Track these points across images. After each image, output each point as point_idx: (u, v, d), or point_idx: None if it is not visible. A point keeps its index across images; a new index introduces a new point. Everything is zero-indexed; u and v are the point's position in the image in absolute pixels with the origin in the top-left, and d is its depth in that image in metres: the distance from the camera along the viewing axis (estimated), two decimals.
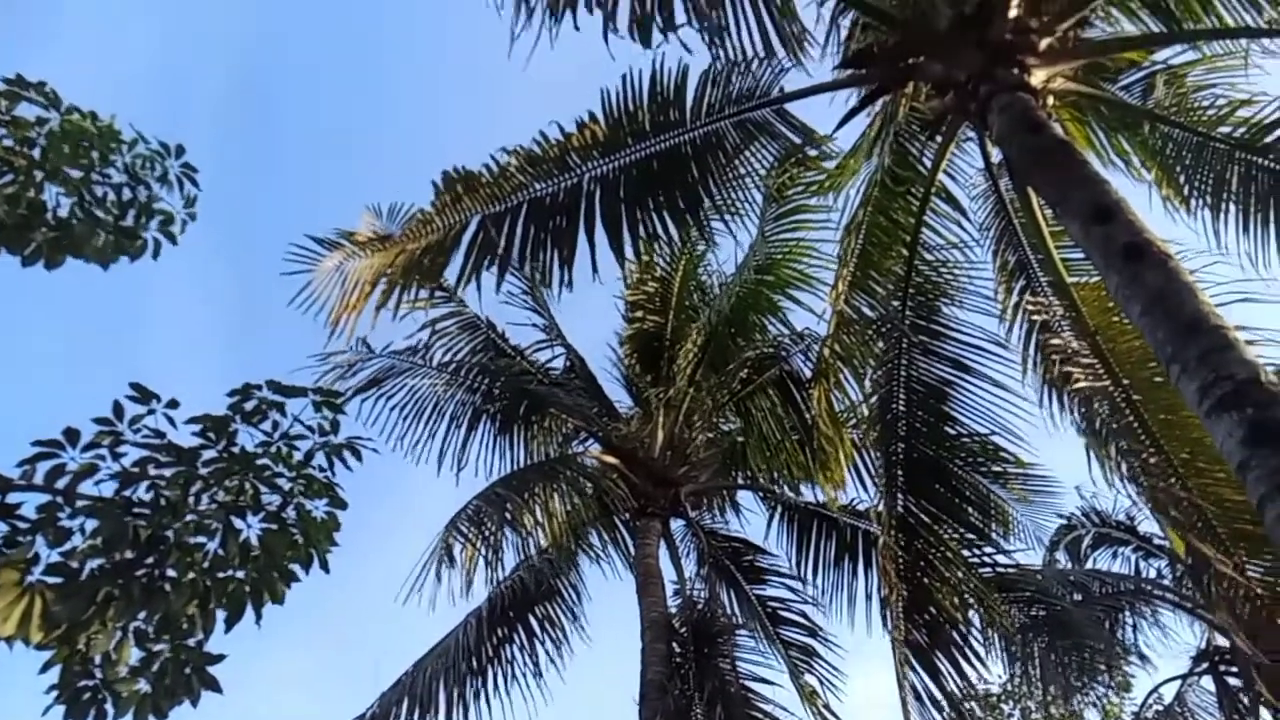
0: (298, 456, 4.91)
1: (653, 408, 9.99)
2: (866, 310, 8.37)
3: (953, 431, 8.32)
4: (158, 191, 5.52)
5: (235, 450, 4.49)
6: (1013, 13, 5.89)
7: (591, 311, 11.06)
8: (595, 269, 6.41)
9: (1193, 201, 7.48)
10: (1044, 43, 6.01)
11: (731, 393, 9.85)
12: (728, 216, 7.39)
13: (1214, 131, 7.03)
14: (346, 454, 4.79)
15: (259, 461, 4.66)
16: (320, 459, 4.81)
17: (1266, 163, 6.91)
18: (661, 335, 10.14)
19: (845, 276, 8.16)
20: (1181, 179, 7.47)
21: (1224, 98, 7.12)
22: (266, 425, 4.84)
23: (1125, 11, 6.51)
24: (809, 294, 9.39)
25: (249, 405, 4.73)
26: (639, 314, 10.19)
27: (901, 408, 8.28)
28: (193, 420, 4.30)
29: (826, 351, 8.37)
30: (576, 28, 5.68)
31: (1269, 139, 6.86)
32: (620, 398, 10.55)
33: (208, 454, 4.45)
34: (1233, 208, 7.23)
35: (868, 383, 8.38)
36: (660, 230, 7.03)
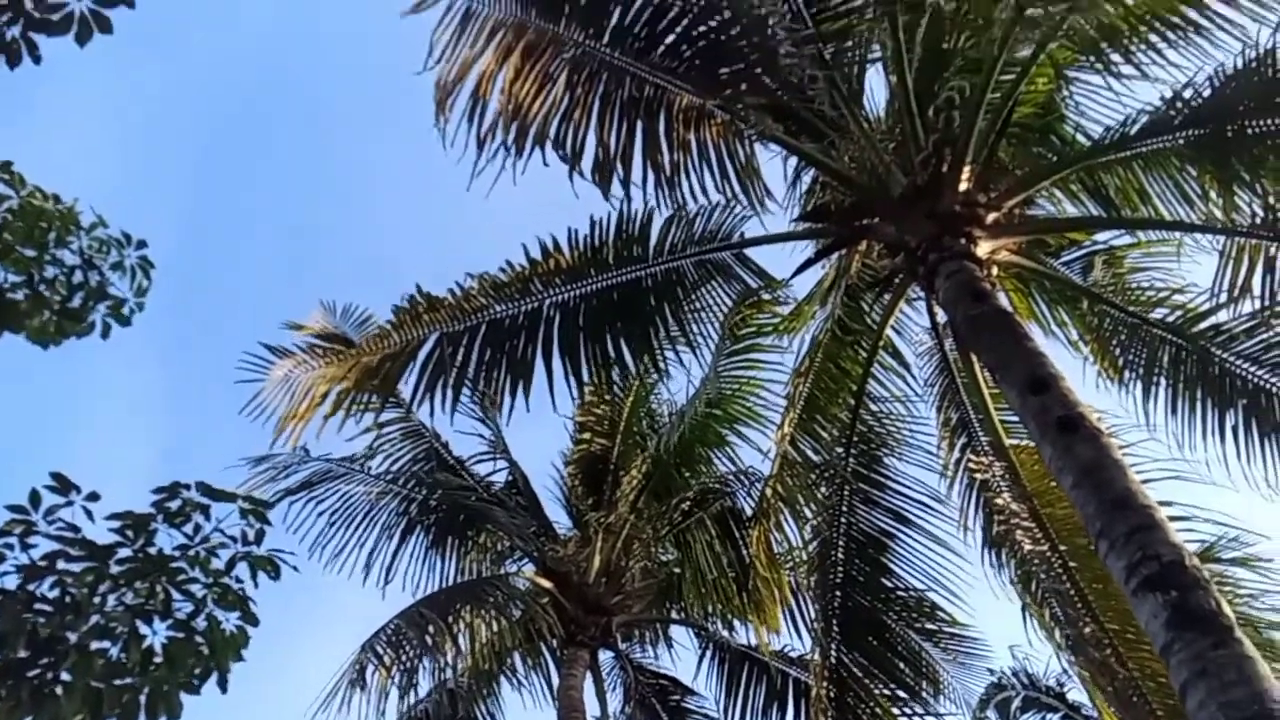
0: (217, 564, 4.75)
1: (592, 532, 9.86)
2: (811, 454, 8.44)
3: (890, 584, 8.29)
4: (110, 277, 5.50)
5: (152, 551, 4.34)
6: (962, 187, 6.21)
7: (539, 426, 11.08)
8: (552, 393, 6.44)
9: (1126, 376, 7.74)
10: (991, 217, 6.32)
11: (672, 524, 9.78)
12: (683, 348, 7.53)
13: (1148, 314, 7.37)
14: (267, 568, 4.65)
15: (174, 564, 4.50)
16: (241, 569, 4.65)
17: (1194, 350, 7.21)
18: (608, 459, 10.11)
19: (792, 419, 8.26)
20: (1117, 354, 7.74)
21: (1159, 282, 7.50)
22: (189, 527, 4.70)
23: (1068, 194, 6.90)
24: (756, 431, 9.48)
25: (173, 505, 4.60)
26: (587, 435, 10.18)
27: (840, 555, 8.26)
28: (113, 516, 4.17)
29: (769, 491, 8.38)
30: (545, 163, 5.92)
31: (1199, 328, 7.19)
32: (560, 518, 10.43)
33: (123, 552, 4.29)
34: (1163, 388, 7.49)
35: (808, 528, 8.38)
36: (616, 359, 7.11)
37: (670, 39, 6.17)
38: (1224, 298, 6.87)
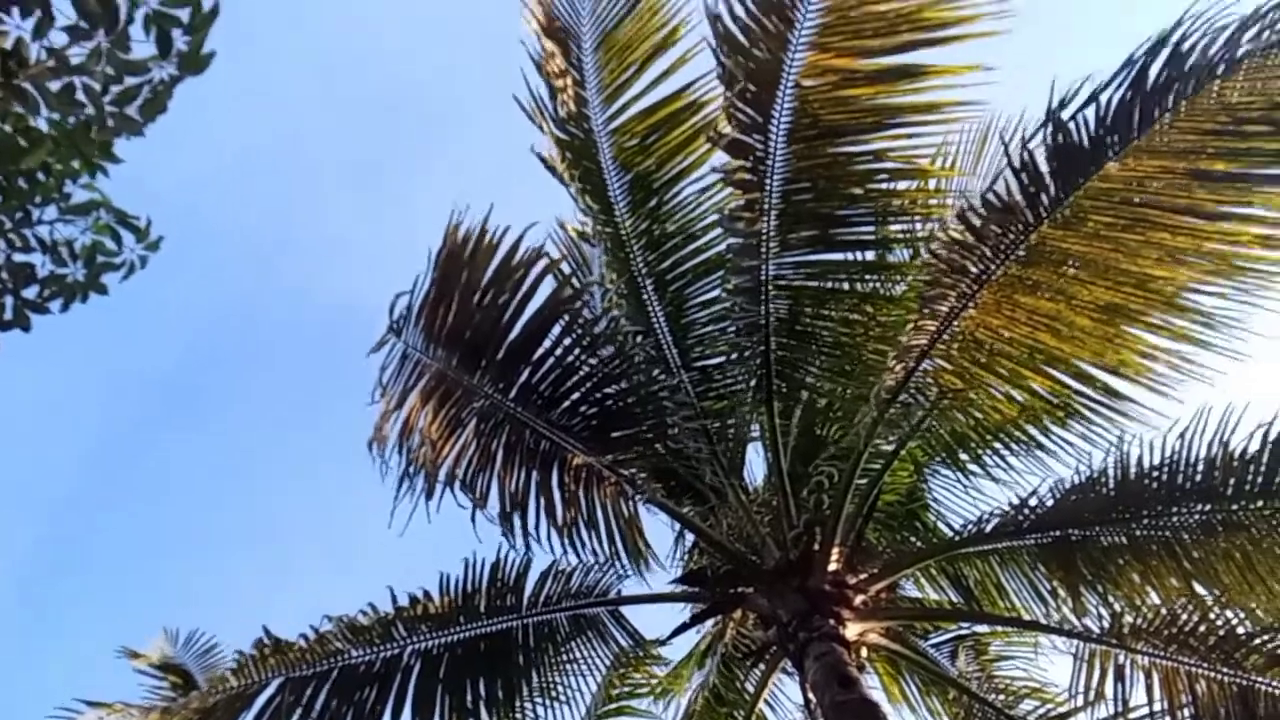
0: None
1: None
2: None
3: None
4: None
5: None
6: (832, 566, 6.41)
7: None
8: None
9: None
10: (859, 599, 6.47)
11: None
12: (552, 702, 7.16)
13: (1013, 708, 7.41)
14: None
15: None
16: None
17: None
18: None
19: None
20: None
21: (1022, 674, 7.64)
22: None
23: (932, 582, 7.19)
24: None
25: None
26: None
27: None
28: None
29: None
30: (461, 506, 6.04)
31: None
32: None
33: None
34: None
35: None
36: (473, 713, 6.69)
37: (570, 401, 6.54)
38: (1081, 700, 6.99)
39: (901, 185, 5.61)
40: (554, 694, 7.09)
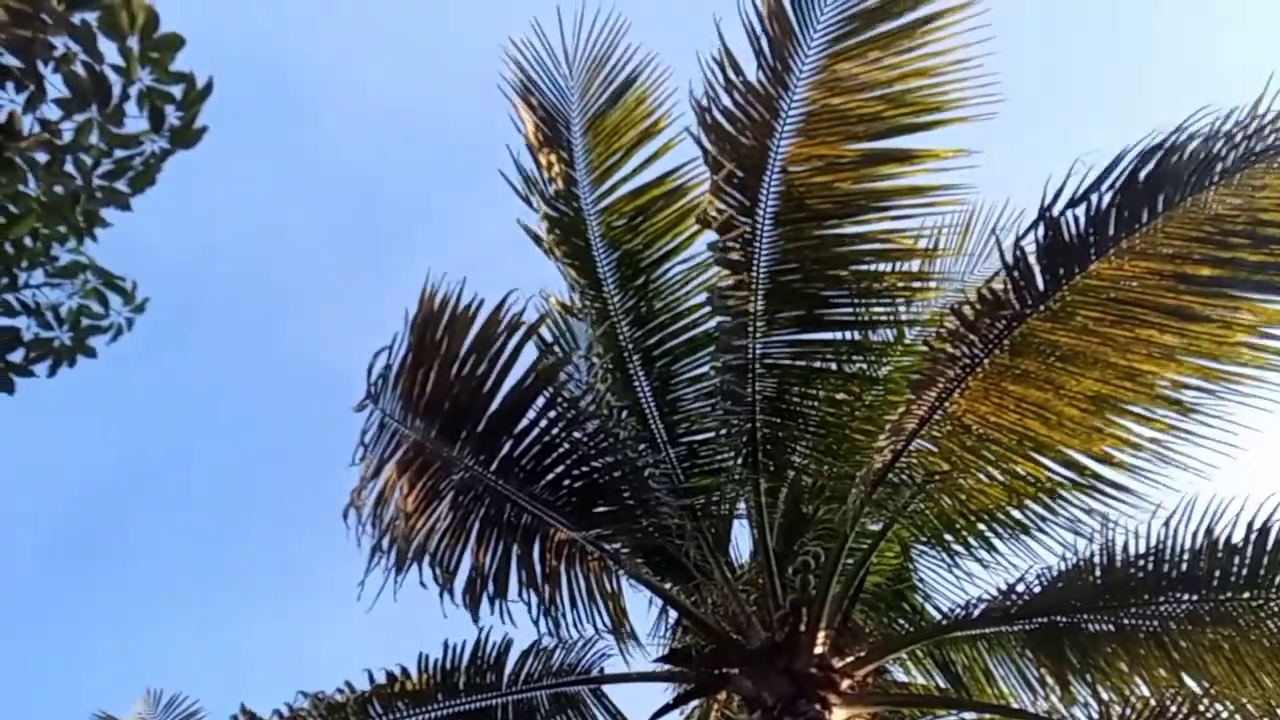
0: None
1: None
2: None
3: None
4: None
5: None
6: (818, 649, 6.28)
7: None
8: None
9: None
10: (845, 683, 6.34)
11: None
12: None
13: None
14: None
15: None
16: None
17: None
18: None
19: None
20: None
21: None
22: None
23: (920, 668, 7.06)
24: None
25: None
26: None
27: None
28: None
29: None
30: (422, 584, 5.93)
31: None
32: None
33: None
34: None
35: None
36: None
37: (553, 474, 6.48)
38: None
39: (886, 267, 5.65)
40: None
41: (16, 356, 4.98)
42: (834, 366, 5.93)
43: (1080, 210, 4.83)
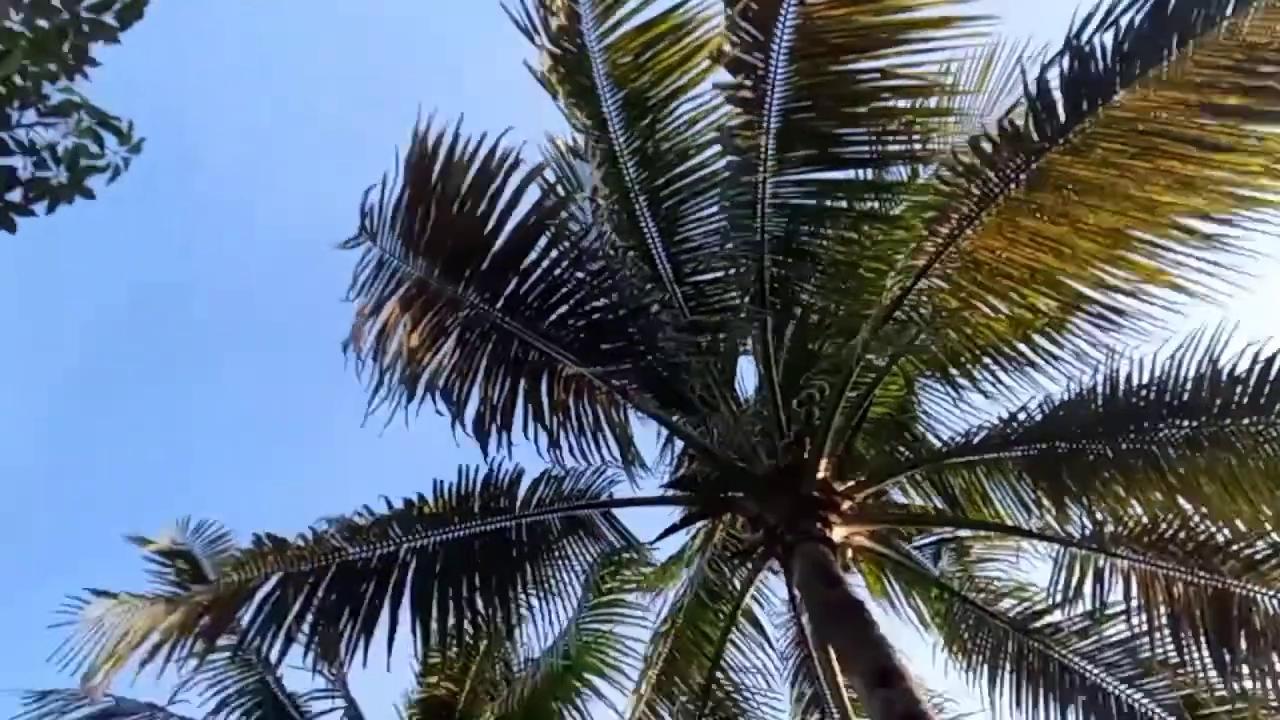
0: None
1: None
2: (667, 716, 8.27)
3: None
4: None
5: None
6: (821, 475, 6.52)
7: (384, 661, 10.35)
8: (391, 643, 6.21)
9: (975, 660, 7.94)
10: (846, 505, 6.62)
11: None
12: (546, 595, 7.42)
13: (993, 606, 7.68)
14: None
15: None
16: None
17: (1036, 645, 7.50)
18: (454, 705, 9.56)
19: (650, 678, 8.14)
20: (966, 639, 7.97)
21: (1003, 575, 7.88)
22: None
23: (919, 491, 7.33)
24: (613, 688, 9.20)
25: None
26: (433, 678, 9.65)
27: None
28: None
29: None
30: (438, 412, 6.07)
31: (1039, 624, 7.52)
32: None
33: None
34: (1007, 677, 7.69)
35: None
36: (470, 606, 6.95)
37: (560, 312, 6.52)
38: (1059, 599, 7.23)
39: (903, 104, 5.43)
40: (548, 588, 7.34)
41: (15, 196, 4.95)
42: (845, 205, 5.82)
43: (1108, 37, 4.60)
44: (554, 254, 6.22)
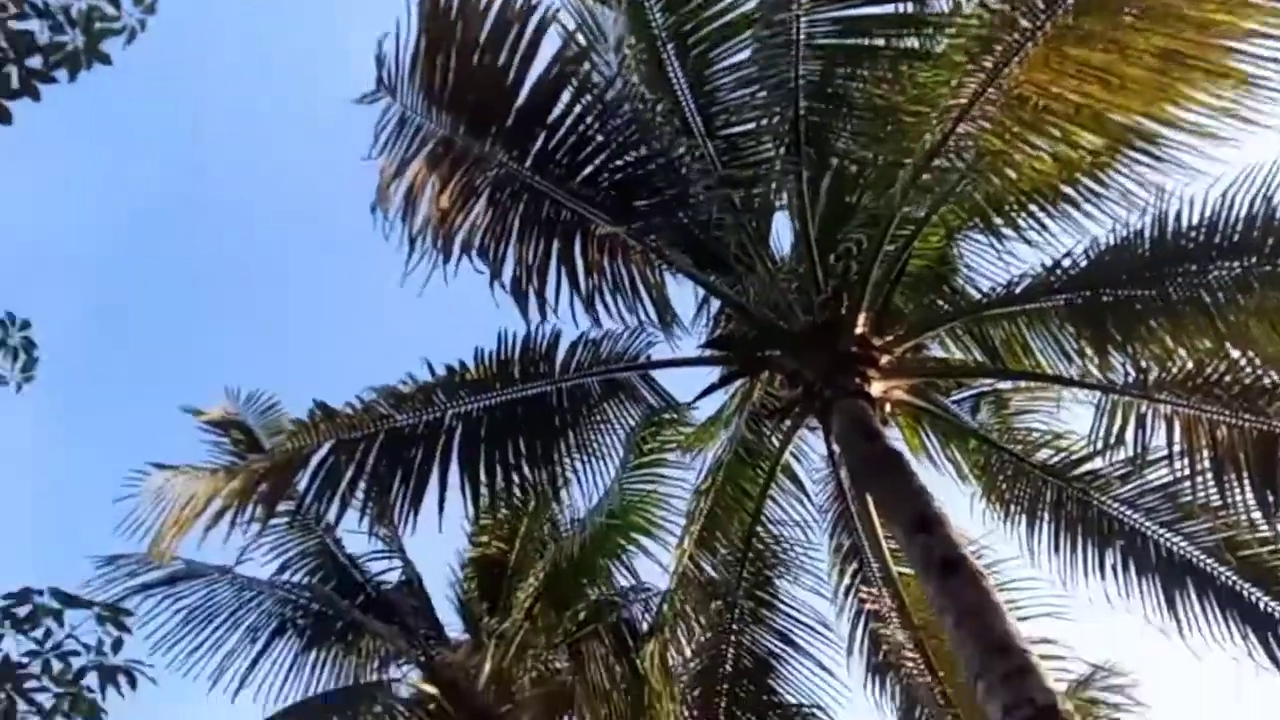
0: (73, 668, 4.60)
1: (484, 638, 9.64)
2: (709, 569, 8.52)
3: (776, 701, 8.34)
4: None
5: None
6: (859, 330, 6.48)
7: (440, 522, 10.74)
8: (441, 504, 6.41)
9: (1012, 510, 8.03)
10: (884, 359, 6.60)
11: (566, 633, 9.62)
12: (587, 459, 7.59)
13: (1032, 455, 7.70)
14: (122, 678, 4.50)
15: (22, 671, 4.36)
16: (93, 679, 4.52)
17: (1074, 493, 7.55)
18: (505, 563, 9.96)
19: (692, 534, 8.35)
20: (1004, 490, 8.03)
21: (1042, 426, 7.87)
22: (39, 632, 4.55)
23: (957, 342, 7.26)
24: (656, 544, 9.49)
25: (23, 611, 4.47)
26: (485, 538, 10.03)
27: (729, 669, 8.31)
28: None
29: (667, 607, 8.41)
30: (476, 270, 6.05)
31: (1078, 472, 7.55)
32: (453, 621, 10.16)
33: None
34: (1046, 525, 7.78)
35: (697, 643, 8.41)
36: (516, 469, 7.12)
37: (589, 169, 6.39)
38: (1100, 446, 7.22)
39: None
40: (591, 450, 7.49)
41: (36, 63, 4.90)
42: (884, 43, 5.54)
43: None
44: (579, 107, 6.04)
